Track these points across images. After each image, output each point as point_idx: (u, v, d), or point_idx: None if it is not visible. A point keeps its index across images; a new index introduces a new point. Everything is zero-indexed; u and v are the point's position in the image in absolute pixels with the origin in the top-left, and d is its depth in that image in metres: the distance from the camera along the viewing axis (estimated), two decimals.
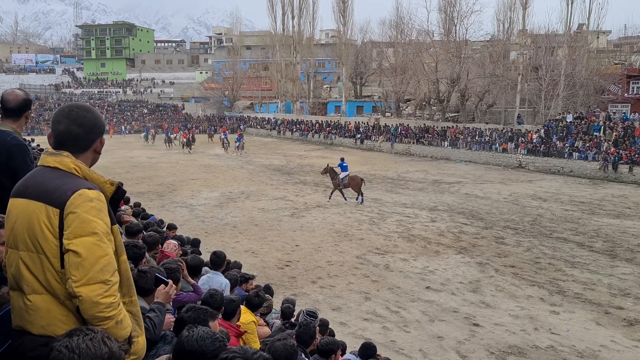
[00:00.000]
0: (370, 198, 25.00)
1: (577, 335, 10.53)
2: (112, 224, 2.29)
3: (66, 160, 2.30)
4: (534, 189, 28.55)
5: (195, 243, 9.72)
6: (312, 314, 5.78)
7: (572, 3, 46.36)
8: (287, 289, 13.04)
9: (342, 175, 23.84)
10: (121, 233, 4.94)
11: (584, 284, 13.52)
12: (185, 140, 47.00)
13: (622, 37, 78.21)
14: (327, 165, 24.62)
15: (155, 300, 3.15)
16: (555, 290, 13.09)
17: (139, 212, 10.12)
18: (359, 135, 52.47)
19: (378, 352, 7.21)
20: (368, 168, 36.12)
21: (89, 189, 2.22)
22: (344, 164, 24.20)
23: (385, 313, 11.57)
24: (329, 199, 24.33)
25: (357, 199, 23.91)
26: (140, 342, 2.36)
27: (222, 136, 46.63)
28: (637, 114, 39.35)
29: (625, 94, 43.64)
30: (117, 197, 2.42)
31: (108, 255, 2.17)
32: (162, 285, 3.20)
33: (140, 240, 4.96)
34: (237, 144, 43.50)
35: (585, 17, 47.18)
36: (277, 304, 8.20)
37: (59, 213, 2.17)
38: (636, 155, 32.82)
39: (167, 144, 49.40)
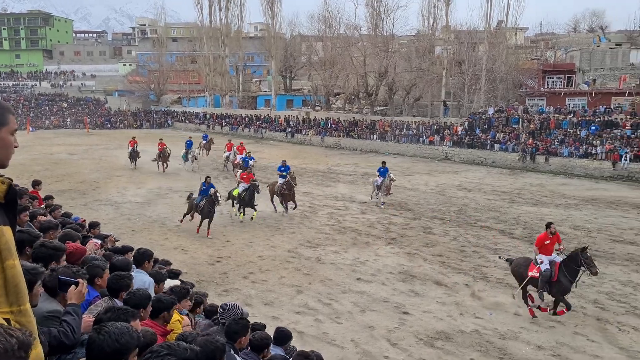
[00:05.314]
0: (301, 192, 24.99)
1: (499, 318, 11.01)
2: None
3: None
4: (459, 180, 29.59)
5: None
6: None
7: (491, 1, 48.30)
8: (219, 285, 12.85)
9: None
10: (35, 236, 4.62)
11: (506, 270, 14.11)
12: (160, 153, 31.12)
13: (538, 34, 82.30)
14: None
15: (69, 302, 2.97)
16: (480, 276, 13.63)
17: (55, 207, 9.57)
18: (289, 129, 52.38)
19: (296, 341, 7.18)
20: (299, 162, 36.12)
21: None
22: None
23: (318, 305, 11.62)
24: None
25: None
26: (31, 355, 2.16)
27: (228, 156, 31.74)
28: (551, 107, 41.65)
29: (541, 88, 46.07)
30: (11, 197, 2.20)
31: None
32: (73, 286, 3.02)
33: (55, 240, 4.68)
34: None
35: (504, 14, 49.33)
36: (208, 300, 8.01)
37: None
38: (552, 147, 34.72)
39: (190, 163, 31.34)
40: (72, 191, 24.52)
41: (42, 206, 9.71)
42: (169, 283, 6.17)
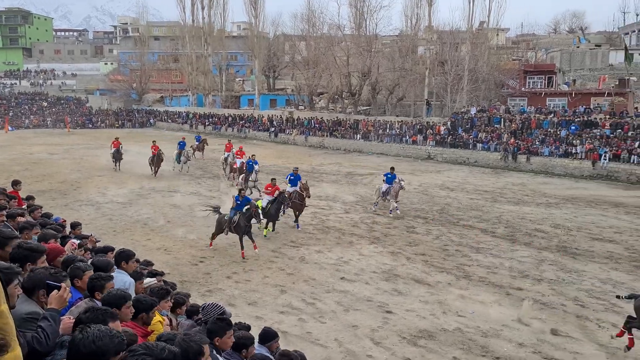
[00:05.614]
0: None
1: (481, 316, 11.09)
2: None
3: None
4: (442, 179, 29.78)
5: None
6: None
7: (473, 1, 48.71)
8: (202, 285, 12.78)
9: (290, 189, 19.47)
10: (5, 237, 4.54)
11: (488, 268, 14.28)
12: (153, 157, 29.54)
13: (519, 35, 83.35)
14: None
15: (49, 306, 2.91)
16: (462, 275, 13.72)
17: (35, 207, 9.43)
18: (272, 129, 52.29)
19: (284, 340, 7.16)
20: (282, 161, 36.06)
21: None
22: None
23: (301, 305, 11.61)
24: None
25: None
26: (9, 357, 2.12)
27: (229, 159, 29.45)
28: (532, 107, 42.11)
29: (522, 88, 46.56)
30: None
31: None
32: (55, 291, 2.96)
33: (31, 241, 4.61)
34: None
35: (486, 15, 49.77)
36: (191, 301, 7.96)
37: None
38: (533, 146, 35.11)
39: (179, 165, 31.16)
40: (53, 191, 24.20)
41: (24, 206, 9.57)
42: (148, 282, 6.13)
